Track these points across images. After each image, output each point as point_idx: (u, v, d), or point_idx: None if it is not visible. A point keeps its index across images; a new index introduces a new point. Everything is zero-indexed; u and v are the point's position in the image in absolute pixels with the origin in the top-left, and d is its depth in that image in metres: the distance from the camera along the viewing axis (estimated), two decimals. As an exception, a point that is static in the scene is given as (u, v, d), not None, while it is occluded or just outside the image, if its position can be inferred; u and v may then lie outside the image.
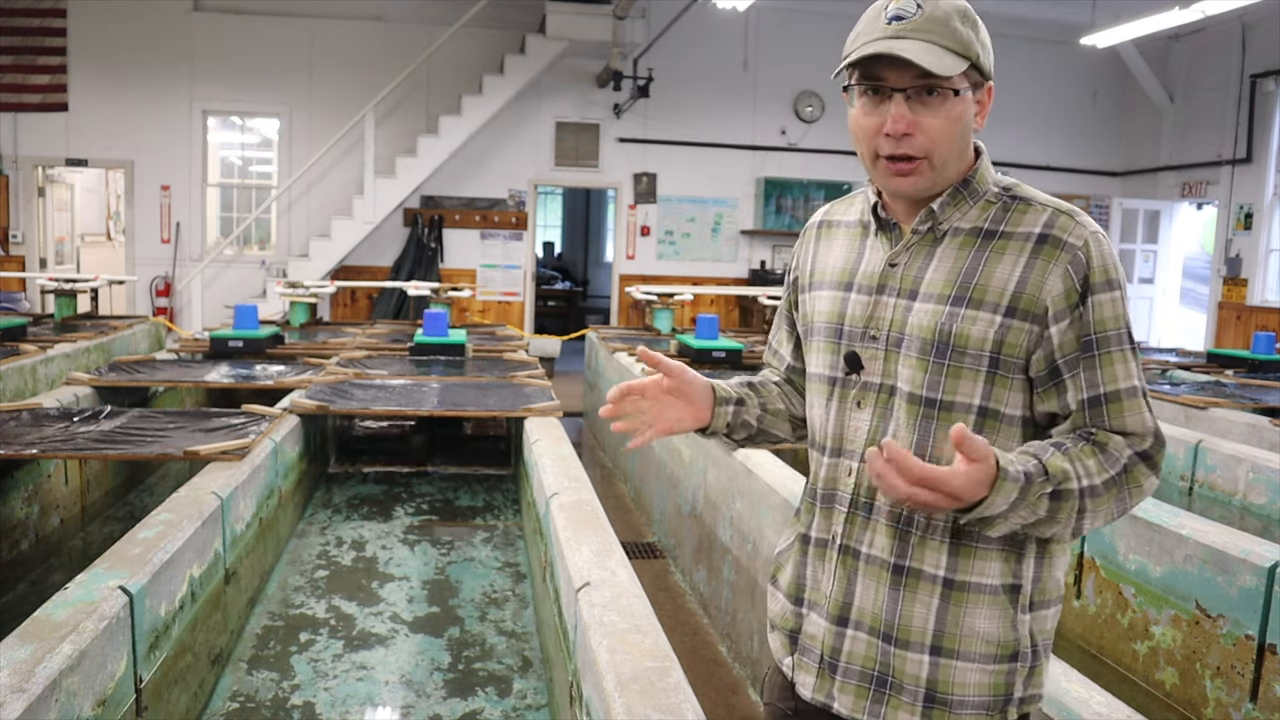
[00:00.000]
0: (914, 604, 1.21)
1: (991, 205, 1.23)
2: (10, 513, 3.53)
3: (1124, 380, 1.18)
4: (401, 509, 4.08)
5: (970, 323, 1.18)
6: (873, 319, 1.25)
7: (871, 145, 1.21)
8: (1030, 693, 1.23)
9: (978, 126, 1.24)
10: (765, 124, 11.42)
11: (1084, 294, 1.17)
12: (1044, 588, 1.24)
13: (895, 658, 1.22)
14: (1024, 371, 1.20)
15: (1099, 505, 1.15)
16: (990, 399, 1.20)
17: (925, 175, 1.20)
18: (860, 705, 1.24)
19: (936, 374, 1.20)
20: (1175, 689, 2.87)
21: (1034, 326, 1.17)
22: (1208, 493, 4.22)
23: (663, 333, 7.88)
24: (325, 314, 10.25)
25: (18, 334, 5.88)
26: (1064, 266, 1.16)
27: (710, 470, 3.74)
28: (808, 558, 1.32)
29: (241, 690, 2.54)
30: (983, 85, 1.23)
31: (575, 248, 16.67)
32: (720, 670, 3.30)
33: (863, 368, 1.26)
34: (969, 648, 1.20)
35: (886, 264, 1.26)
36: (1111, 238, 12.48)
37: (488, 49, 10.51)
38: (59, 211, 11.47)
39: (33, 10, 10.01)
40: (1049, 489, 1.12)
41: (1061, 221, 1.19)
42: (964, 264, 1.21)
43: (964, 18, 1.19)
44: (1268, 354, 6.70)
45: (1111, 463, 1.16)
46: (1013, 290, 1.17)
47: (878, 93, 1.19)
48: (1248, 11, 9.41)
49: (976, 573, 1.20)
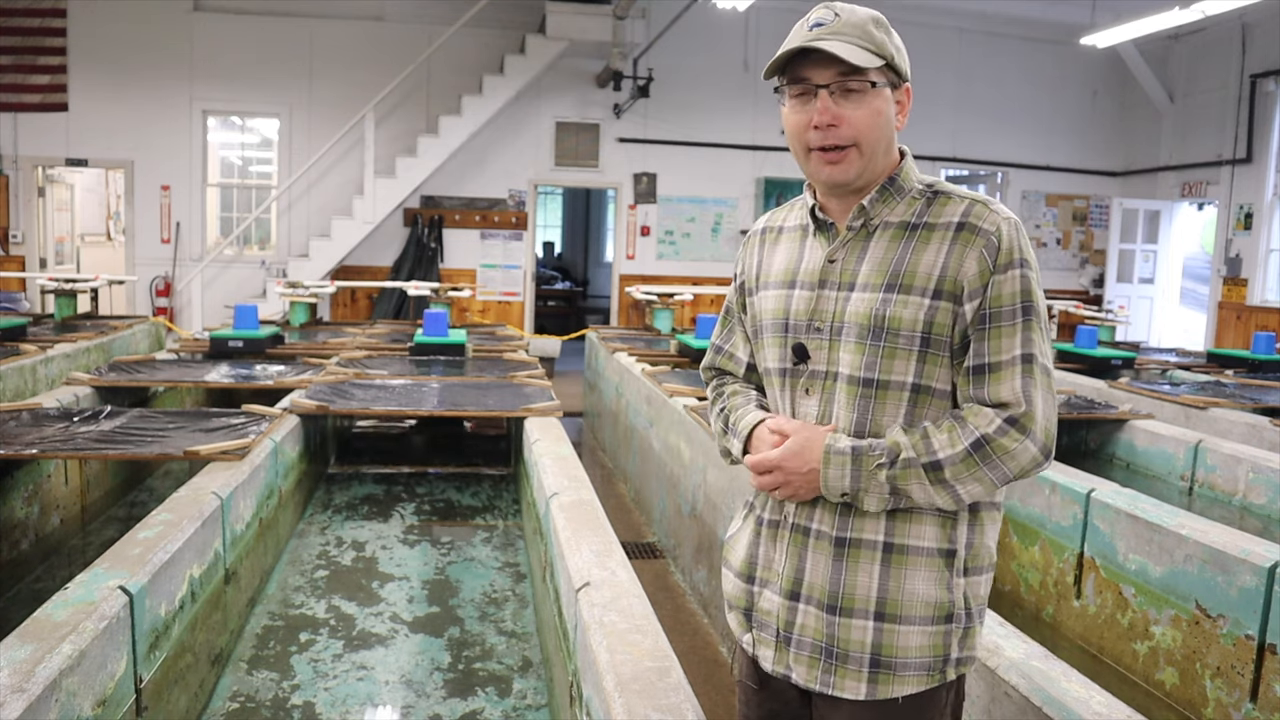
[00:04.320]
0: (857, 572, 1.32)
1: (916, 201, 1.35)
2: (10, 513, 3.53)
3: (1006, 351, 1.28)
4: (401, 509, 4.08)
5: (902, 306, 1.30)
6: (816, 311, 1.37)
7: (802, 140, 1.35)
8: (965, 654, 1.33)
9: (899, 125, 1.36)
10: (765, 124, 11.41)
11: (992, 274, 1.29)
12: (976, 553, 1.35)
13: (840, 627, 1.32)
14: (949, 349, 1.32)
15: (960, 473, 1.26)
16: (922, 376, 1.31)
17: (854, 163, 1.32)
18: (813, 675, 1.35)
19: (873, 355, 1.31)
20: (1175, 689, 2.87)
21: (955, 306, 1.30)
22: (1208, 493, 4.22)
23: (663, 333, 7.88)
24: (325, 314, 10.25)
25: (18, 334, 5.88)
26: (979, 250, 1.29)
27: (710, 470, 3.74)
28: (760, 538, 1.43)
29: (241, 690, 2.54)
30: (900, 86, 1.36)
31: (575, 248, 16.67)
32: (720, 670, 3.30)
33: (810, 358, 1.37)
34: (910, 611, 1.30)
35: (826, 260, 1.38)
36: (1111, 238, 12.45)
37: (488, 49, 10.50)
38: (59, 211, 11.46)
39: (33, 10, 10.00)
40: (884, 459, 1.27)
41: (977, 210, 1.31)
42: (894, 254, 1.32)
43: (878, 24, 1.33)
44: (1268, 354, 6.71)
45: (967, 434, 1.27)
46: (938, 274, 1.29)
47: (804, 92, 1.33)
48: (1248, 11, 9.41)
49: (914, 536, 1.31)
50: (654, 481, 4.87)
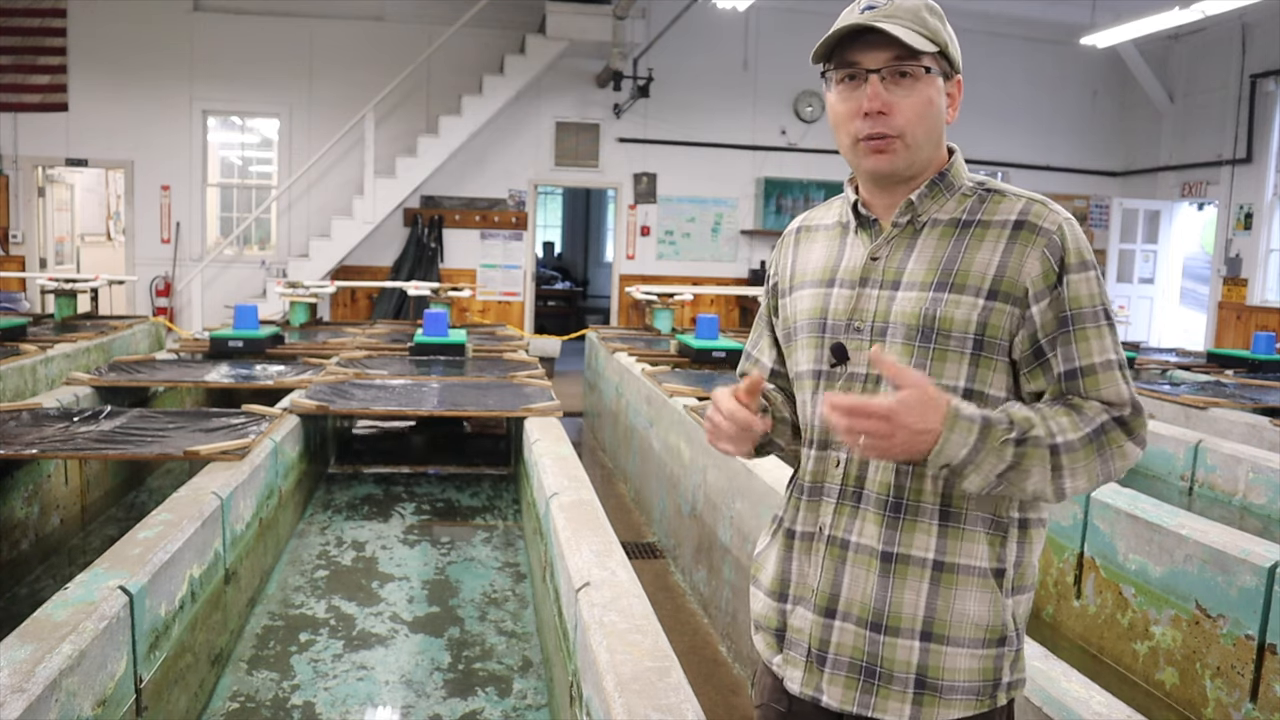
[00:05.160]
0: (904, 590, 1.23)
1: (967, 198, 1.28)
2: (10, 513, 3.53)
3: (1099, 354, 1.21)
4: (401, 509, 4.08)
5: (954, 306, 1.22)
6: (856, 311, 1.28)
7: (849, 129, 1.26)
8: (1016, 677, 1.26)
9: (950, 119, 1.30)
10: (765, 124, 11.42)
11: (1060, 274, 1.21)
12: (1023, 572, 1.27)
13: (885, 646, 1.23)
14: (1007, 354, 1.24)
15: (1077, 462, 1.17)
16: (975, 380, 1.23)
17: (901, 154, 1.25)
18: (850, 697, 1.25)
19: (922, 358, 1.23)
20: (1175, 689, 2.87)
21: (1015, 308, 1.22)
22: (1208, 493, 4.22)
23: (663, 333, 7.88)
24: (325, 314, 10.25)
25: (18, 334, 5.88)
26: (1041, 250, 1.21)
27: (710, 470, 3.74)
28: (793, 553, 1.33)
29: (241, 690, 2.54)
30: (952, 77, 1.29)
31: (575, 248, 16.67)
32: (720, 670, 3.30)
33: (849, 359, 1.28)
34: (959, 632, 1.22)
35: (868, 258, 1.30)
36: (1111, 238, 12.45)
37: (488, 49, 10.51)
38: (59, 211, 11.47)
39: (33, 10, 10.01)
40: (1013, 434, 1.15)
41: (1036, 209, 1.24)
42: (944, 252, 1.25)
43: (931, 10, 1.27)
44: (1268, 354, 6.70)
45: (1086, 421, 1.18)
46: (993, 274, 1.22)
47: (853, 79, 1.25)
48: (1248, 11, 9.41)
49: (965, 555, 1.23)
50: (654, 481, 4.87)
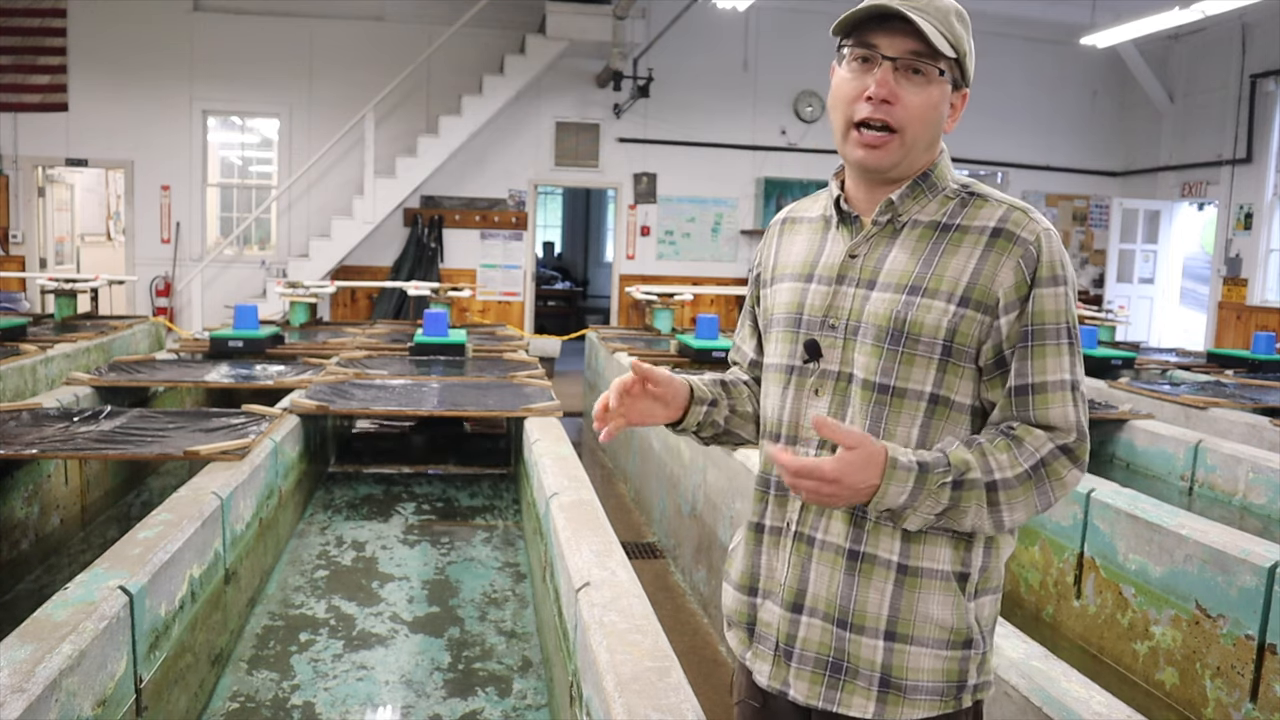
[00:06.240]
0: (869, 589, 1.24)
1: (949, 200, 1.27)
2: (10, 513, 3.53)
3: (1054, 373, 1.21)
4: (401, 509, 4.08)
5: (925, 311, 1.21)
6: (832, 308, 1.28)
7: (848, 112, 1.25)
8: (982, 679, 1.27)
9: (948, 129, 1.29)
10: (765, 124, 11.42)
11: (1031, 287, 1.21)
12: (988, 576, 1.28)
13: (850, 643, 1.24)
14: (974, 361, 1.23)
15: (1015, 498, 1.18)
16: (941, 386, 1.23)
17: (894, 152, 1.24)
18: (815, 691, 1.26)
19: (891, 361, 1.23)
20: (1175, 689, 2.87)
21: (985, 317, 1.21)
22: (1208, 493, 4.22)
23: (663, 333, 7.88)
24: (325, 314, 10.25)
25: (18, 334, 5.88)
26: (1016, 260, 1.20)
27: (710, 470, 3.74)
28: (761, 546, 1.34)
29: (241, 690, 2.54)
30: (960, 88, 1.28)
31: (575, 248, 16.67)
32: (720, 670, 3.30)
33: (822, 356, 1.28)
34: (923, 633, 1.23)
35: (847, 255, 1.29)
36: (1111, 238, 12.45)
37: (488, 49, 10.50)
38: (59, 211, 11.46)
39: (33, 10, 10.00)
40: (949, 478, 1.16)
41: (1015, 217, 1.23)
42: (921, 255, 1.24)
43: (960, 17, 1.25)
44: (1268, 354, 6.70)
45: (1026, 456, 1.19)
46: (966, 281, 1.21)
47: (867, 61, 1.24)
48: (1248, 11, 9.41)
49: (929, 558, 1.23)
50: (654, 481, 4.87)
